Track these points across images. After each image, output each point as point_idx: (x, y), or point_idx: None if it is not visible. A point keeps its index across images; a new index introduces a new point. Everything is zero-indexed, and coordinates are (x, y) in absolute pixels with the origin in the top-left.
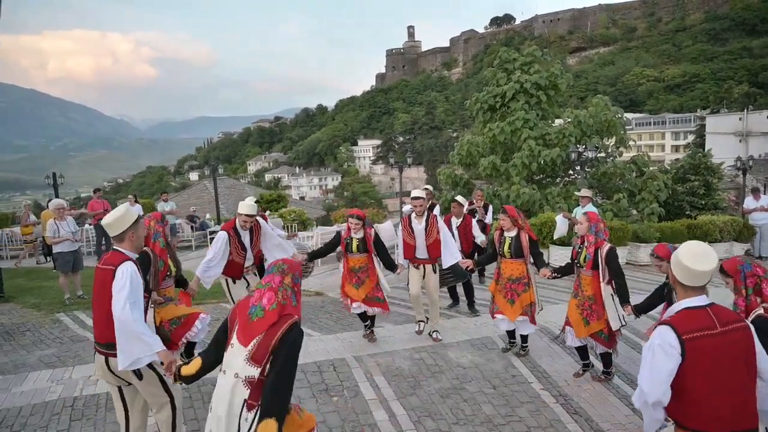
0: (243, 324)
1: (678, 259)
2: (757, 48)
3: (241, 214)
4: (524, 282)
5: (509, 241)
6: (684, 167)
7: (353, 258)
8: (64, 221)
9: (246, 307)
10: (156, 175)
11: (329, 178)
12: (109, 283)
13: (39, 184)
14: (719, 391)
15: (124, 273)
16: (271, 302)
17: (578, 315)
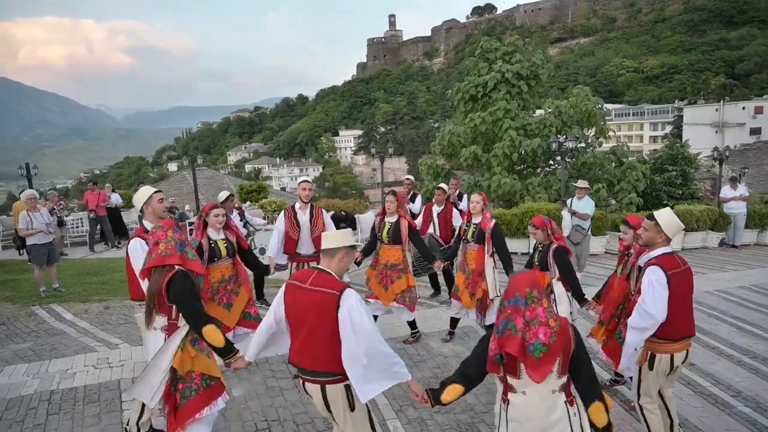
0: (530, 364)
1: (670, 217)
2: (734, 39)
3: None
4: (399, 269)
5: (388, 227)
6: (662, 158)
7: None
8: (38, 213)
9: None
10: (134, 166)
11: (310, 169)
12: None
13: (12, 175)
14: (683, 311)
15: None
16: (548, 336)
17: (465, 288)
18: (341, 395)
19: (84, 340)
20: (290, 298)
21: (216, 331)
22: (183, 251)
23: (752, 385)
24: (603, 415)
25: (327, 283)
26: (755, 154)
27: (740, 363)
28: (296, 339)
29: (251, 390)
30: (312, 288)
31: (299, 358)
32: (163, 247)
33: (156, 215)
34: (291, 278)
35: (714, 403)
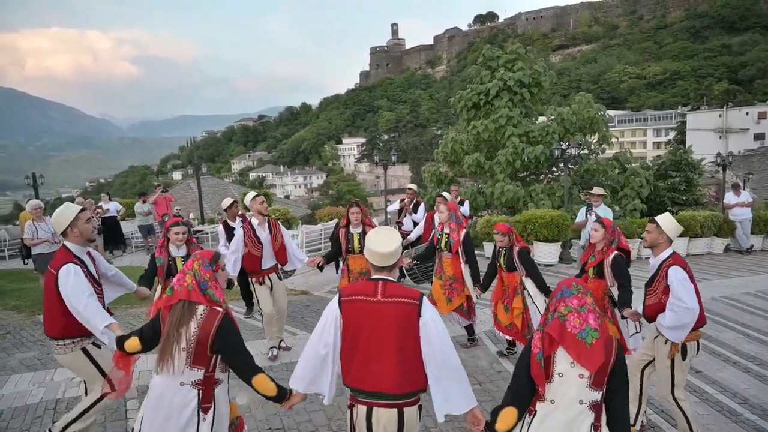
0: (583, 353)
1: (670, 220)
2: (737, 45)
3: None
4: None
5: (357, 237)
6: (665, 164)
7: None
8: (43, 222)
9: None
10: (138, 175)
11: (314, 177)
12: None
13: (18, 185)
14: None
15: None
16: (597, 322)
17: (441, 294)
18: (415, 417)
19: None
20: (358, 315)
21: (267, 379)
22: (205, 293)
23: (759, 393)
24: None
25: (402, 293)
26: (759, 159)
27: (747, 370)
28: (369, 360)
29: (255, 399)
30: (387, 300)
31: (375, 381)
32: (189, 280)
33: (85, 238)
34: (348, 293)
35: (720, 411)
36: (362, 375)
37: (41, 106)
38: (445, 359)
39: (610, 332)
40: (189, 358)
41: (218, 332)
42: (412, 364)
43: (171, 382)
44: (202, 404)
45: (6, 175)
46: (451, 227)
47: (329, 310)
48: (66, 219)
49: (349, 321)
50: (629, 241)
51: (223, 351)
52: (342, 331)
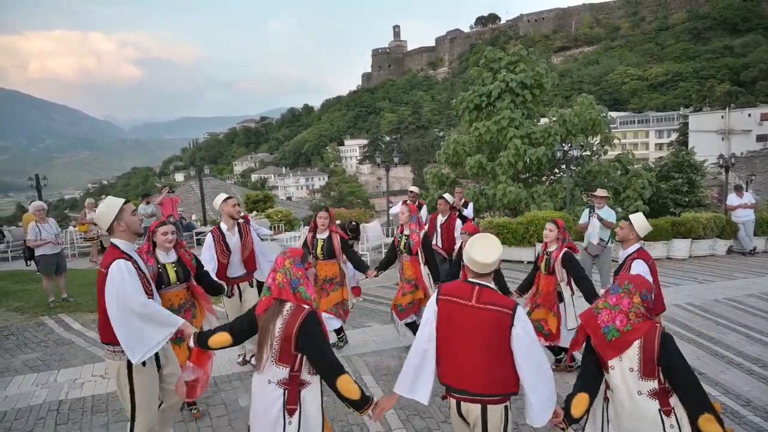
0: (601, 343)
1: (641, 219)
2: (739, 47)
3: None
4: (336, 282)
5: (321, 243)
6: (668, 165)
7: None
8: (46, 224)
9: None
10: (141, 177)
11: (316, 178)
12: None
13: (22, 186)
14: (659, 292)
15: None
16: (624, 324)
17: (401, 295)
18: (500, 415)
19: (92, 350)
20: (451, 315)
21: (351, 381)
22: (296, 290)
23: (762, 395)
24: (714, 426)
25: (497, 300)
26: (762, 161)
27: (750, 372)
28: (457, 360)
29: None
30: (481, 306)
31: (462, 380)
32: (280, 278)
33: (132, 231)
34: (445, 293)
35: (724, 413)
36: (451, 372)
37: (44, 107)
38: (540, 368)
39: (653, 325)
40: (275, 355)
41: (301, 329)
42: (500, 368)
43: (262, 380)
44: (287, 405)
45: (9, 176)
46: (411, 228)
47: (429, 306)
48: (111, 213)
49: (442, 319)
50: None
51: (306, 348)
52: (436, 327)
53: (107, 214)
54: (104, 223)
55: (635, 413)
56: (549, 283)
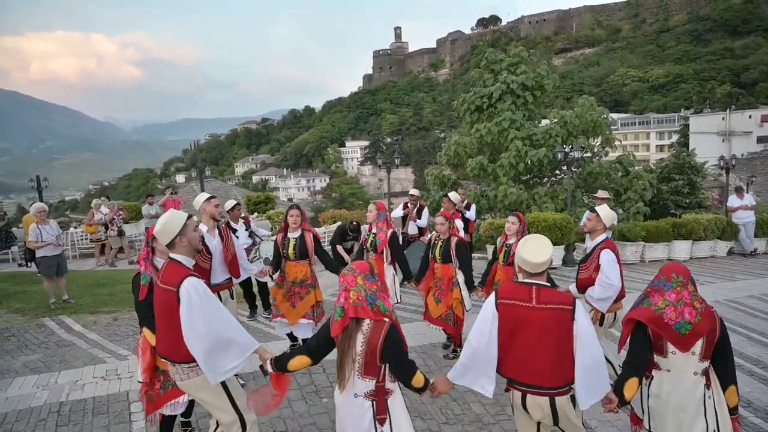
0: (676, 339)
1: (608, 211)
2: (739, 48)
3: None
4: (308, 284)
5: (294, 242)
6: (668, 167)
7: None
8: (47, 225)
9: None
10: (142, 178)
11: (317, 180)
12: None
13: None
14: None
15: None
16: (694, 316)
17: None
18: (568, 404)
19: (93, 352)
20: (515, 318)
21: (419, 373)
22: (374, 305)
23: (763, 395)
24: (735, 397)
25: (556, 299)
26: (762, 162)
27: (750, 373)
28: (524, 358)
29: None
30: (543, 306)
31: (530, 376)
32: (354, 297)
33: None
34: (503, 296)
35: None
36: (517, 369)
37: (45, 109)
38: (598, 357)
39: (711, 310)
40: (360, 369)
41: (385, 343)
42: (565, 361)
43: (347, 395)
44: (377, 416)
45: (10, 178)
46: (379, 227)
47: (488, 308)
48: (175, 228)
49: (505, 322)
50: (632, 244)
51: (391, 360)
52: (498, 329)
53: (171, 229)
54: (166, 238)
55: (689, 391)
56: (507, 273)
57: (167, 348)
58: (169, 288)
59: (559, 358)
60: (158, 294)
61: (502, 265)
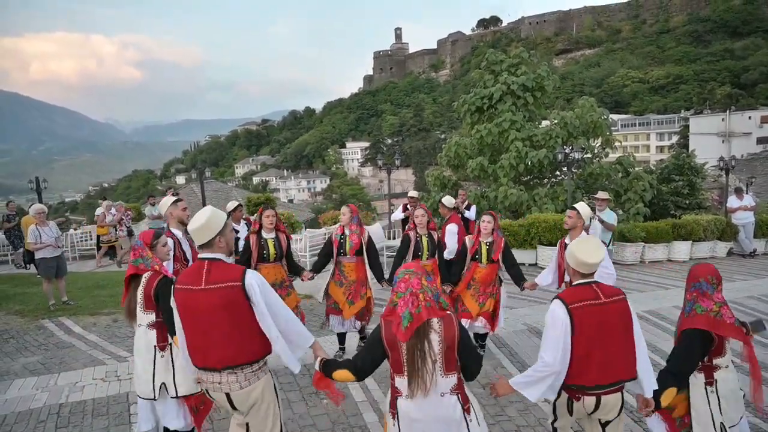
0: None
1: (586, 207)
2: (739, 50)
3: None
4: (286, 285)
5: (272, 243)
6: (668, 167)
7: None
8: (46, 227)
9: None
10: (142, 179)
11: (317, 181)
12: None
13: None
14: None
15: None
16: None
17: (343, 298)
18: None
19: (93, 353)
20: (592, 319)
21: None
22: (439, 302)
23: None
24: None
25: (616, 291)
26: (762, 163)
27: (749, 373)
28: (612, 355)
29: None
30: (611, 300)
31: (617, 373)
32: (423, 298)
33: (229, 248)
34: (573, 300)
35: None
36: (604, 372)
37: (45, 110)
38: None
39: None
40: (442, 367)
41: (460, 337)
42: (632, 352)
43: (428, 401)
44: (464, 405)
45: (10, 179)
46: (352, 229)
47: (556, 319)
48: (217, 225)
49: (582, 326)
50: (631, 245)
51: (464, 351)
52: (574, 337)
53: (212, 227)
54: (205, 236)
55: (736, 380)
56: (493, 270)
57: (229, 353)
58: (228, 284)
59: (631, 350)
60: (204, 297)
61: (486, 263)
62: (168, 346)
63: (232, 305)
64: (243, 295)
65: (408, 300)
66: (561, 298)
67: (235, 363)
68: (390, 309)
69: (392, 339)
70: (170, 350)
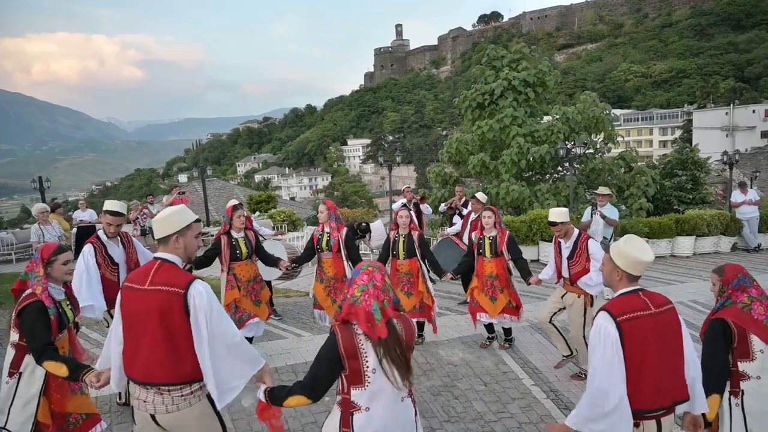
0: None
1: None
2: (743, 43)
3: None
4: (260, 280)
5: (243, 242)
6: (672, 162)
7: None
8: (49, 225)
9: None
10: (145, 178)
11: (319, 178)
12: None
13: (26, 189)
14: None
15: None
16: None
17: (325, 296)
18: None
19: (95, 352)
20: (639, 332)
21: None
22: (397, 304)
23: None
24: None
25: (664, 299)
26: (766, 157)
27: None
28: (664, 373)
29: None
30: (662, 310)
31: (673, 393)
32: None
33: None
34: (621, 312)
35: None
36: (658, 393)
37: (48, 110)
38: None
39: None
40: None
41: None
42: (683, 366)
43: (392, 407)
44: (415, 408)
45: (14, 179)
46: (332, 226)
47: (604, 335)
48: (177, 224)
49: (632, 341)
50: None
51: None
52: (625, 353)
53: (172, 223)
54: (163, 231)
55: None
56: (501, 263)
57: (153, 368)
58: (169, 290)
59: (681, 364)
60: (144, 298)
61: (490, 257)
62: (17, 375)
63: (168, 315)
64: (182, 306)
65: (372, 293)
66: (607, 310)
67: (158, 381)
68: (348, 307)
69: (351, 346)
70: (17, 379)
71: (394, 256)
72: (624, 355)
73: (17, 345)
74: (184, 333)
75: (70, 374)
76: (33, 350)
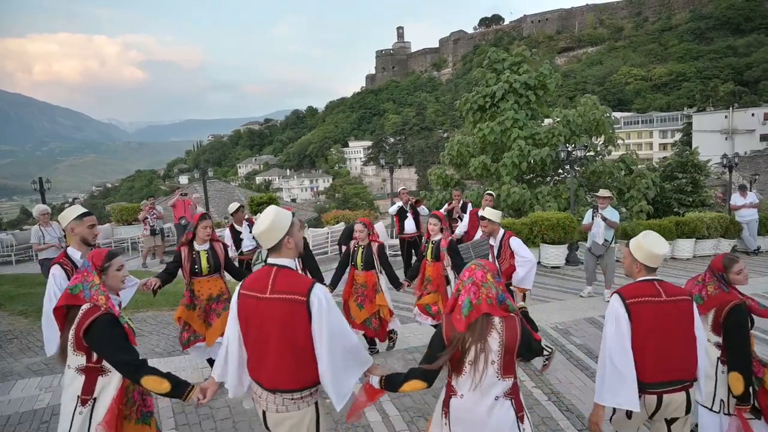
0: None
1: (496, 213)
2: (742, 46)
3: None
4: (225, 299)
5: (205, 255)
6: (671, 165)
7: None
8: (50, 227)
9: None
10: (145, 179)
11: (320, 180)
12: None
13: (26, 190)
14: None
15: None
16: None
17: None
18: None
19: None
20: (648, 316)
21: None
22: (503, 304)
23: None
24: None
25: (680, 290)
26: (766, 160)
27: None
28: (667, 355)
29: None
30: (674, 299)
31: (674, 372)
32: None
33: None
34: (632, 294)
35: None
36: (660, 369)
37: (49, 111)
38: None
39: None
40: (499, 370)
41: (522, 339)
42: (694, 351)
43: (482, 403)
44: (518, 413)
45: (14, 180)
46: (372, 240)
47: (615, 315)
48: (284, 225)
49: (640, 322)
50: None
51: (523, 354)
52: (632, 332)
53: (280, 227)
54: (273, 238)
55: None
56: (437, 269)
57: (280, 375)
58: (292, 297)
59: (692, 349)
60: (266, 307)
61: (431, 261)
62: (92, 401)
63: (292, 322)
64: (306, 312)
65: (470, 289)
66: (620, 294)
67: (284, 387)
68: (453, 300)
69: (453, 335)
70: (91, 407)
71: (353, 265)
72: (632, 334)
73: (86, 368)
74: (307, 339)
75: (171, 390)
76: (125, 366)
